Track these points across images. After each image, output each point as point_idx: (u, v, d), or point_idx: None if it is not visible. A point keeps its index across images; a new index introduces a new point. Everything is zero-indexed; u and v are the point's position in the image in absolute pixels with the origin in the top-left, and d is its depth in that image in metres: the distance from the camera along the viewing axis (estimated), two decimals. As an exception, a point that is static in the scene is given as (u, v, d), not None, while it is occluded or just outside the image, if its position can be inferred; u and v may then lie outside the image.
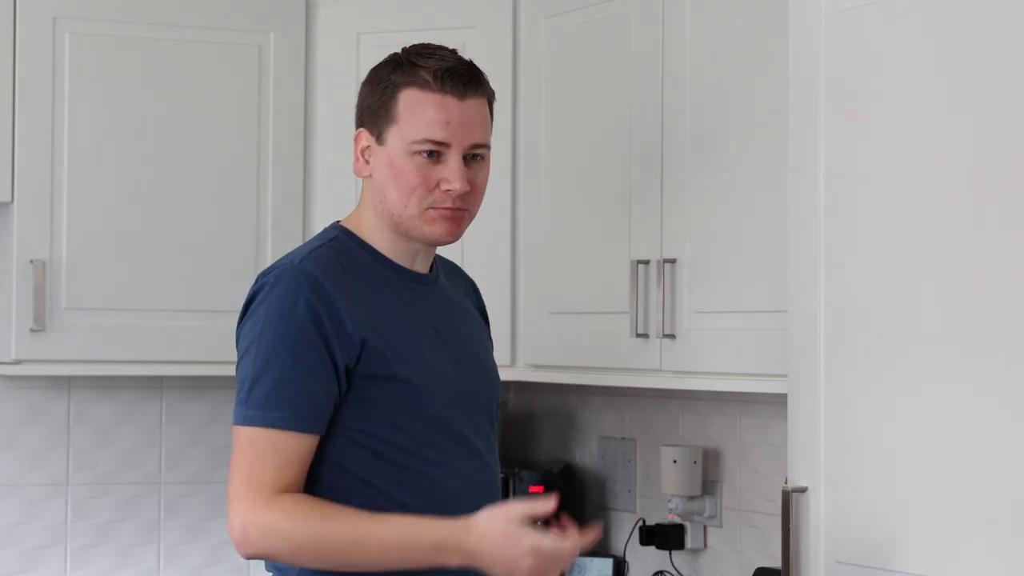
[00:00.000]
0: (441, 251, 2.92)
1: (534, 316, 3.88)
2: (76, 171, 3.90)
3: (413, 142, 2.66)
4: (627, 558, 4.08)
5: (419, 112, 2.66)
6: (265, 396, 2.60)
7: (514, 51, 3.93)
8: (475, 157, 2.70)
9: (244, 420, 2.62)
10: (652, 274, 3.46)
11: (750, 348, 3.21)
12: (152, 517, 4.33)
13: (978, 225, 2.46)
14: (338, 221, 2.80)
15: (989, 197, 2.45)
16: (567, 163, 3.79)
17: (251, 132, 4.05)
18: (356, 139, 2.73)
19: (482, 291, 3.94)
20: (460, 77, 2.68)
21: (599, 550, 4.19)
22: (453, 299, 2.85)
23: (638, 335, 3.49)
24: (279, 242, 4.03)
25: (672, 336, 3.42)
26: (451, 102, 2.66)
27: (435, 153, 2.66)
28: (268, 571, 2.76)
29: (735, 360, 3.27)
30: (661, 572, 3.92)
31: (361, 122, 2.73)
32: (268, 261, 4.03)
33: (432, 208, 2.68)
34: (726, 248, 3.30)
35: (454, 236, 2.72)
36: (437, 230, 2.70)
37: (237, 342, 2.70)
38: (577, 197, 3.75)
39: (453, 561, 2.57)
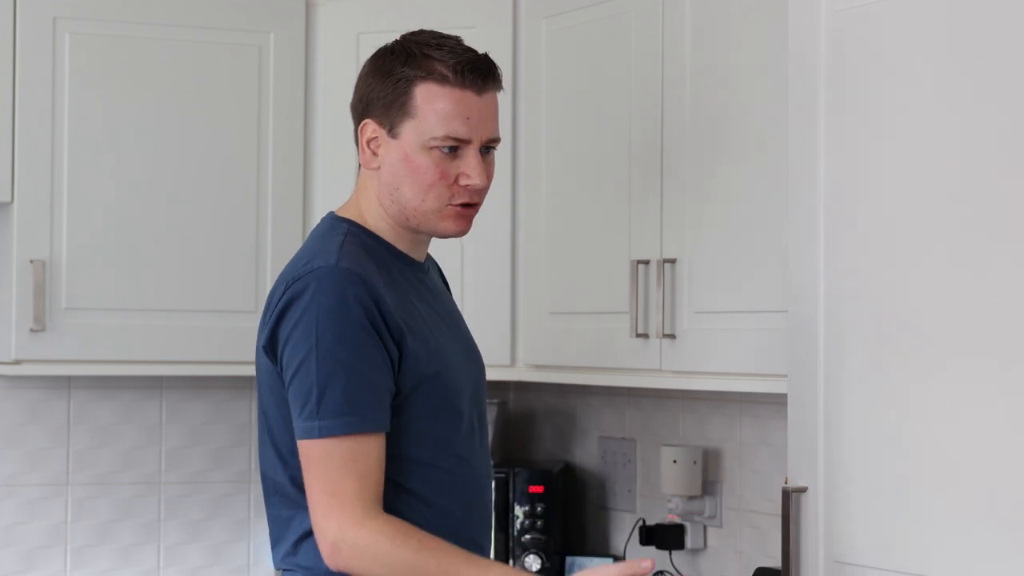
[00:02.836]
0: (442, 247, 2.93)
1: (534, 316, 3.88)
2: (76, 171, 3.90)
3: (433, 138, 2.61)
4: (627, 558, 4.08)
5: (439, 108, 2.61)
6: (338, 404, 2.52)
7: (514, 51, 3.93)
8: (487, 150, 2.67)
9: (318, 432, 2.53)
10: (652, 274, 3.46)
11: (750, 348, 3.21)
12: (152, 517, 4.33)
13: (978, 225, 2.46)
14: (333, 213, 2.75)
15: (989, 196, 2.45)
16: (567, 163, 3.79)
17: (251, 132, 4.05)
18: (361, 130, 2.67)
19: (482, 291, 3.97)
20: (479, 71, 2.64)
21: (599, 550, 4.19)
22: (437, 283, 2.83)
23: (638, 335, 3.49)
24: (279, 242, 4.03)
25: (672, 336, 3.42)
26: (470, 97, 2.62)
27: (453, 149, 2.62)
28: (286, 569, 2.74)
29: (735, 360, 3.27)
30: (661, 572, 3.92)
31: (366, 113, 2.67)
32: (268, 261, 4.04)
33: (450, 204, 2.65)
34: (726, 248, 3.30)
35: (466, 231, 2.69)
36: (451, 226, 2.66)
37: (277, 352, 2.59)
38: (577, 197, 3.75)
39: None
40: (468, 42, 2.76)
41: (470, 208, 2.67)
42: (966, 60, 2.49)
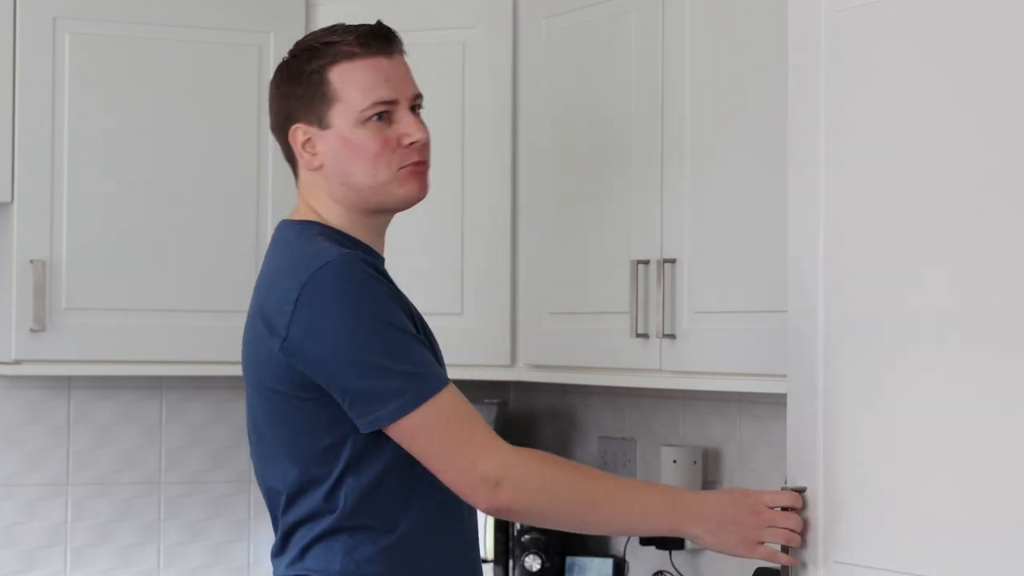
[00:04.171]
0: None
1: (534, 316, 3.88)
2: (76, 171, 3.90)
3: (363, 110, 2.67)
4: (627, 558, 4.08)
5: (358, 81, 2.68)
6: (419, 367, 2.56)
7: (514, 51, 3.93)
8: (415, 109, 2.74)
9: (415, 401, 2.55)
10: (652, 274, 3.46)
11: (750, 348, 3.21)
12: (152, 517, 4.33)
13: (978, 225, 2.46)
14: (289, 220, 2.78)
15: (989, 196, 2.45)
16: (567, 163, 3.79)
17: (251, 132, 4.05)
18: (292, 137, 2.73)
19: (482, 291, 3.96)
20: (381, 36, 2.71)
21: (599, 550, 4.19)
22: None
23: (638, 335, 3.48)
24: (279, 242, 4.03)
25: (672, 336, 3.42)
26: (382, 62, 2.70)
27: (385, 114, 2.69)
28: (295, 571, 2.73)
29: (735, 360, 3.27)
30: (661, 572, 3.92)
31: (290, 121, 2.73)
32: (268, 261, 4.03)
33: (401, 168, 2.70)
34: (726, 248, 3.30)
35: (424, 191, 2.74)
36: (411, 189, 2.71)
37: (308, 358, 2.59)
38: (577, 197, 3.75)
39: (683, 517, 2.63)
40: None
41: (421, 165, 2.72)
42: (966, 60, 2.49)
